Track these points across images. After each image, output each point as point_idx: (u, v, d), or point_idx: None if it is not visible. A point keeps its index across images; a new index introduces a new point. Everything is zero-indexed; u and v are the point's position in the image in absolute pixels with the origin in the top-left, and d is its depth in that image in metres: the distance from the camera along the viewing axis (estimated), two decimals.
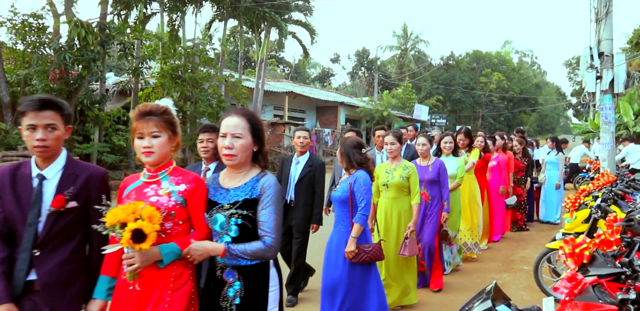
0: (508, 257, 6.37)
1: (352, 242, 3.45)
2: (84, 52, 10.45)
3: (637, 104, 23.61)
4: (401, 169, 4.29)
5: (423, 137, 4.91)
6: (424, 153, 4.89)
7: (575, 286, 1.78)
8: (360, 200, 3.46)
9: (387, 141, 4.32)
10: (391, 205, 4.33)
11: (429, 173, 4.80)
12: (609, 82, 8.53)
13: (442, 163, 4.87)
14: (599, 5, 8.69)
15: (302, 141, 4.47)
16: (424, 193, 4.79)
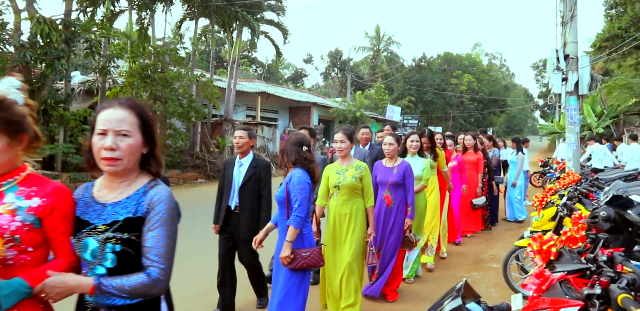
0: (478, 256, 6.46)
1: (287, 247, 3.16)
2: (47, 50, 10.08)
3: (600, 106, 24.51)
4: (353, 169, 3.95)
5: (390, 136, 4.63)
6: (391, 153, 4.57)
7: (543, 283, 1.79)
8: (294, 200, 3.16)
9: (337, 139, 4.00)
10: (342, 208, 3.97)
11: (393, 175, 4.50)
12: (574, 84, 8.78)
13: (409, 164, 4.56)
14: (564, 9, 8.95)
15: (237, 142, 4.06)
16: (387, 196, 4.53)
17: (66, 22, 10.88)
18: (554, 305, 1.70)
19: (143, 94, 13.71)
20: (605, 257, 2.07)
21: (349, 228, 3.94)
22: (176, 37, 20.60)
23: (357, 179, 3.91)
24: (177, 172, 15.20)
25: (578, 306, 1.63)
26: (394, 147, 4.57)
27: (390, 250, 4.50)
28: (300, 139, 3.38)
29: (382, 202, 4.55)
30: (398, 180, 4.47)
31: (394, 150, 4.57)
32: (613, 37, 15.52)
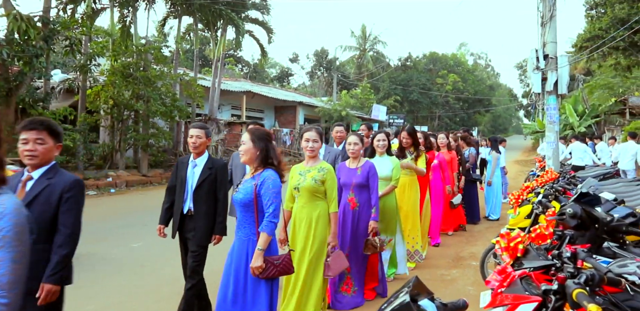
0: (458, 253, 6.50)
1: (259, 256, 2.87)
2: (25, 47, 9.90)
3: (582, 105, 24.93)
4: (316, 170, 3.69)
5: (354, 135, 4.41)
6: (355, 154, 4.34)
7: (505, 279, 1.81)
8: (267, 205, 2.90)
9: (309, 137, 3.77)
10: (301, 212, 3.72)
11: (357, 177, 4.29)
12: (553, 83, 8.90)
13: (373, 165, 4.37)
14: (544, 9, 9.06)
15: (194, 141, 3.73)
16: (352, 199, 4.33)
17: (44, 19, 10.69)
18: (514, 301, 1.71)
19: (125, 93, 13.55)
20: (569, 253, 2.10)
21: (307, 235, 3.66)
22: (160, 35, 20.41)
23: (318, 181, 3.65)
24: (160, 171, 15.06)
25: (536, 302, 1.64)
26: (359, 147, 4.35)
27: (360, 255, 4.30)
28: (267, 133, 3.09)
29: (346, 205, 4.36)
30: (362, 181, 4.27)
31: (358, 150, 4.36)
32: (593, 37, 15.75)
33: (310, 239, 3.66)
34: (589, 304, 1.37)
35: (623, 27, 13.69)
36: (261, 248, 2.89)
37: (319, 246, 3.66)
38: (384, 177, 4.76)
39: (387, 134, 5.06)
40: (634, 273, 2.47)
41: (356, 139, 4.36)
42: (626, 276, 2.45)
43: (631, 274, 2.47)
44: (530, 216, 4.56)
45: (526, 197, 4.89)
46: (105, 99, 13.22)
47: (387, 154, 4.96)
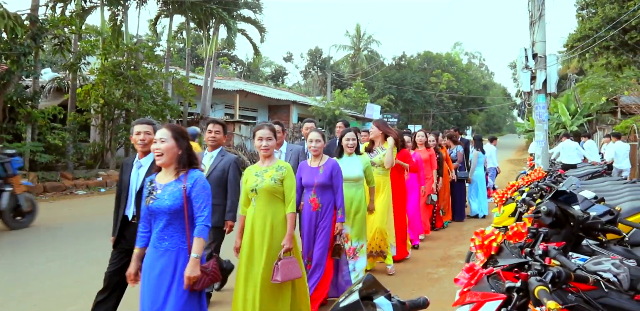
0: (445, 252, 6.50)
1: (196, 264, 2.64)
2: (12, 45, 9.81)
3: (574, 104, 25.05)
4: (273, 170, 3.48)
5: (316, 132, 4.12)
6: (317, 152, 4.06)
7: (472, 277, 1.80)
8: (202, 207, 2.69)
9: (262, 135, 3.51)
10: (260, 215, 3.46)
11: (319, 176, 4.03)
12: (542, 82, 8.93)
13: (336, 163, 4.11)
14: (532, 8, 9.08)
15: (142, 138, 3.33)
16: (314, 199, 4.06)
17: (32, 17, 10.60)
18: (481, 298, 1.71)
19: (116, 92, 13.48)
20: (540, 251, 2.10)
21: (271, 239, 3.41)
22: (153, 34, 20.32)
23: (278, 181, 3.43)
24: None
25: (501, 299, 1.64)
26: (321, 145, 4.09)
27: (317, 259, 4.02)
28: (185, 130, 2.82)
29: (308, 206, 4.11)
30: (325, 181, 4.01)
31: (320, 147, 4.08)
32: (584, 37, 15.82)
33: (270, 244, 3.39)
34: (549, 301, 1.37)
35: (611, 25, 13.77)
36: (198, 254, 2.65)
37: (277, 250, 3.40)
38: (354, 178, 4.55)
39: (357, 132, 4.78)
40: (608, 270, 2.47)
41: (318, 136, 4.08)
42: (601, 273, 2.46)
43: (606, 271, 2.48)
44: (515, 214, 4.58)
45: (511, 195, 4.90)
46: (96, 98, 13.14)
47: (356, 153, 4.69)
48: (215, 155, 4.20)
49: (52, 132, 12.10)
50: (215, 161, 4.15)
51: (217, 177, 4.06)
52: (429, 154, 7.16)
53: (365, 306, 1.20)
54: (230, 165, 4.12)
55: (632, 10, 13.65)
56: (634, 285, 2.39)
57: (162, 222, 2.70)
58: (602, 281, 2.32)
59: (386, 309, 1.24)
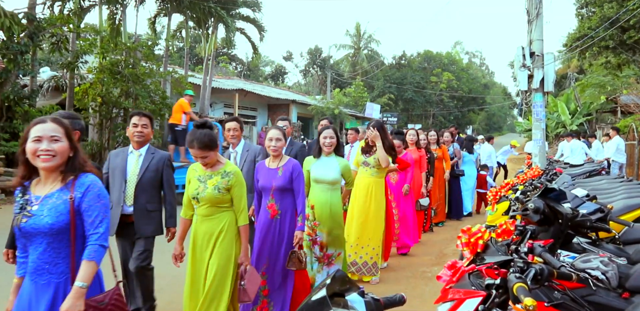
0: (441, 250, 6.50)
1: (79, 296, 1.98)
2: (9, 44, 9.81)
3: (574, 103, 25.02)
4: (219, 176, 3.04)
5: (276, 129, 3.71)
6: (276, 151, 3.64)
7: (454, 274, 1.79)
8: (96, 223, 2.07)
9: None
10: (202, 227, 3.09)
11: (278, 179, 3.60)
12: (539, 80, 8.91)
13: (297, 164, 3.71)
14: (530, 7, 9.07)
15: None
16: (272, 205, 3.62)
17: (30, 15, 10.59)
18: (462, 295, 1.69)
19: (114, 91, 13.46)
20: (526, 248, 2.08)
21: (208, 253, 3.05)
22: (152, 33, 20.31)
23: (222, 190, 3.02)
24: None
25: (481, 296, 1.62)
26: (281, 144, 3.67)
27: (280, 273, 3.61)
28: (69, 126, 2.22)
29: (265, 213, 3.66)
30: (284, 184, 3.59)
31: (280, 147, 3.67)
32: (583, 36, 15.79)
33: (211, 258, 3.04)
34: (526, 297, 1.35)
35: (608, 22, 13.74)
36: (85, 283, 2.00)
37: (223, 266, 3.03)
38: (330, 181, 4.15)
39: (335, 130, 4.34)
40: (597, 268, 2.46)
41: (278, 133, 3.66)
42: (590, 271, 2.45)
43: (594, 269, 2.46)
44: (508, 212, 4.56)
45: (505, 194, 4.88)
46: (94, 96, 13.11)
47: (335, 153, 4.28)
48: (145, 153, 3.70)
49: None
50: (146, 160, 3.65)
51: (151, 178, 3.65)
52: (419, 154, 6.77)
53: (337, 302, 1.19)
54: (164, 163, 3.70)
55: (627, 8, 13.62)
56: (622, 283, 2.38)
57: (40, 246, 2.06)
58: (590, 279, 2.31)
59: (358, 306, 1.22)
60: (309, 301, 1.16)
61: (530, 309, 1.33)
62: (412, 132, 6.87)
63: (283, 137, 3.71)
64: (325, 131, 4.27)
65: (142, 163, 3.66)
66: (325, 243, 4.20)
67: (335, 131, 4.29)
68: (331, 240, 4.20)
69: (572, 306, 2.07)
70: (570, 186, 4.47)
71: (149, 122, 3.70)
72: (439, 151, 7.86)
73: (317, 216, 4.15)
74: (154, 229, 3.66)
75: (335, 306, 1.14)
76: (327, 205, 4.16)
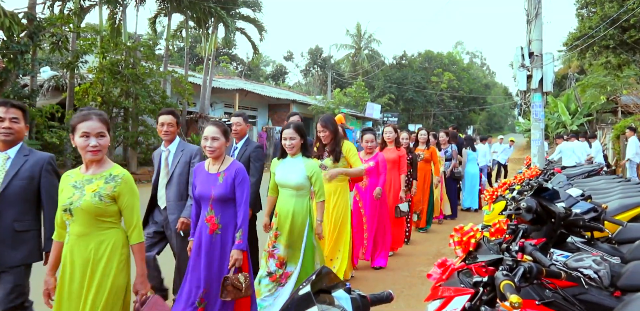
0: (439, 250, 6.50)
1: None
2: (9, 43, 9.85)
3: (574, 104, 25.00)
4: (101, 180, 2.36)
5: (214, 126, 3.06)
6: (214, 153, 3.04)
7: (444, 272, 1.80)
8: None
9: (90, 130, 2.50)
10: (73, 250, 2.37)
11: (218, 186, 3.01)
12: (538, 80, 8.93)
13: (241, 168, 3.09)
14: (529, 7, 9.09)
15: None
16: (211, 218, 3.02)
17: (30, 15, 10.63)
18: (451, 293, 1.71)
19: (114, 90, 13.50)
20: (517, 247, 2.10)
21: (88, 287, 2.32)
22: (153, 33, 20.35)
23: (106, 198, 2.33)
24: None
25: (469, 294, 1.64)
26: (219, 144, 3.04)
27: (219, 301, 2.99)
28: None
29: (203, 228, 3.04)
30: (225, 193, 2.99)
31: (219, 147, 3.04)
32: (584, 35, 15.78)
33: (89, 293, 2.31)
34: (512, 295, 1.37)
35: (607, 21, 13.74)
36: None
37: (107, 302, 2.33)
38: (293, 185, 3.61)
39: (300, 128, 3.69)
40: (589, 267, 2.47)
41: (214, 131, 3.03)
42: (582, 270, 2.46)
43: (587, 268, 2.48)
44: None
45: (501, 193, 4.90)
46: (94, 96, 13.16)
47: (302, 154, 3.69)
48: (14, 155, 2.82)
49: (49, 130, 12.15)
50: (15, 164, 2.80)
51: (21, 188, 2.77)
52: (398, 154, 5.97)
53: (322, 299, 1.20)
54: (42, 168, 2.85)
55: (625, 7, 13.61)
56: (614, 282, 2.40)
57: None
58: (582, 277, 2.33)
59: (344, 302, 1.23)
60: (293, 298, 1.17)
61: (515, 306, 1.34)
62: (389, 130, 6.15)
63: (223, 135, 3.05)
64: (285, 130, 3.66)
65: (8, 168, 2.78)
66: (283, 257, 3.60)
67: (298, 130, 3.64)
68: (291, 256, 3.60)
69: (563, 305, 2.08)
70: (565, 186, 4.48)
71: (21, 116, 2.83)
72: (427, 152, 7.33)
73: (278, 226, 3.64)
74: (24, 256, 2.78)
75: (320, 302, 1.15)
76: (289, 214, 3.59)
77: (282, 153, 3.75)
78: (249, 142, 4.39)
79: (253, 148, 4.27)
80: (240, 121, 4.29)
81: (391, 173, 5.76)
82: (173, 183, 3.64)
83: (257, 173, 4.19)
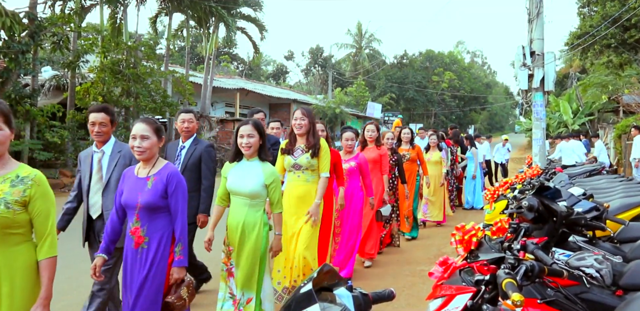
0: (440, 249, 6.50)
1: None
2: (11, 43, 9.86)
3: (576, 103, 24.97)
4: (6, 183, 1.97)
5: (143, 123, 2.64)
6: (142, 154, 2.61)
7: (445, 271, 1.80)
8: None
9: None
10: None
11: (146, 192, 2.59)
12: (539, 80, 8.92)
13: (175, 172, 2.66)
14: (530, 6, 9.08)
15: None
16: (136, 230, 2.60)
17: (31, 15, 10.65)
18: (453, 291, 1.70)
19: (115, 90, 13.53)
20: (519, 246, 2.10)
21: None
22: (153, 32, 20.37)
23: (14, 206, 1.94)
24: None
25: (471, 292, 1.63)
26: (149, 144, 2.60)
27: None
28: None
29: (128, 242, 2.65)
30: (153, 200, 2.57)
31: (148, 148, 2.60)
32: (585, 34, 15.77)
33: None
34: (514, 293, 1.37)
35: (609, 21, 13.72)
36: None
37: None
38: (247, 193, 3.09)
39: (259, 125, 3.16)
40: (591, 266, 2.47)
41: (146, 129, 2.61)
42: (584, 269, 2.46)
43: (588, 267, 2.47)
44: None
45: (503, 192, 4.89)
46: (95, 95, 13.18)
47: (259, 157, 3.18)
48: None
49: (51, 130, 12.18)
50: None
51: None
52: (379, 153, 5.54)
53: (324, 297, 1.20)
54: None
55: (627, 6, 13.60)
56: (616, 281, 2.39)
57: None
58: (584, 276, 2.32)
59: (346, 300, 1.23)
60: (295, 295, 1.17)
61: (517, 304, 1.34)
62: (370, 128, 5.69)
63: (155, 134, 2.63)
64: (242, 127, 3.14)
65: None
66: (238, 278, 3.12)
67: (257, 128, 3.12)
68: (241, 278, 3.10)
69: (565, 304, 2.07)
70: (567, 185, 4.48)
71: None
72: (413, 151, 6.83)
73: (230, 240, 3.15)
74: None
75: (322, 300, 1.14)
76: (239, 226, 3.08)
77: (237, 155, 3.20)
78: (198, 141, 4.10)
79: (204, 148, 3.99)
80: (191, 117, 4.06)
81: (372, 173, 5.31)
82: (110, 190, 3.13)
83: (210, 176, 3.95)
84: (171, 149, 4.19)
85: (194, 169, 3.96)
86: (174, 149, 4.15)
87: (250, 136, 3.09)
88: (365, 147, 5.65)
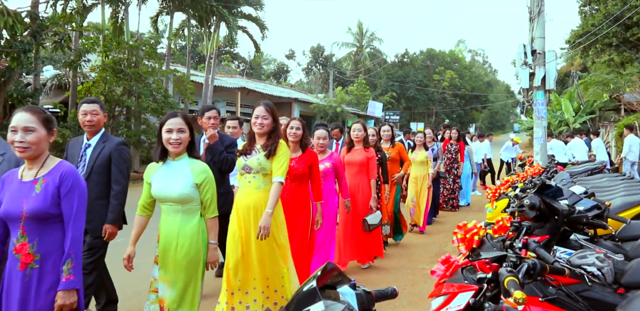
0: (441, 248, 6.51)
1: None
2: (12, 42, 9.88)
3: (577, 101, 24.94)
4: None
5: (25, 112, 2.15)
6: (24, 152, 2.10)
7: (447, 269, 1.81)
8: None
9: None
10: None
11: (33, 198, 2.11)
12: (541, 78, 8.91)
13: (70, 172, 2.17)
14: (531, 4, 9.06)
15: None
16: (22, 246, 2.09)
17: (32, 14, 10.67)
18: (455, 289, 1.71)
19: (116, 89, 13.55)
20: (521, 244, 2.10)
21: None
22: (155, 31, 20.39)
23: None
24: None
25: (473, 290, 1.64)
26: (38, 137, 2.11)
27: None
28: None
29: (12, 262, 2.11)
30: (43, 207, 2.09)
31: (36, 142, 2.11)
32: (586, 33, 15.76)
33: None
34: (516, 291, 1.38)
35: (610, 19, 13.71)
36: None
37: None
38: (176, 198, 2.66)
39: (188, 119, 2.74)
40: (592, 264, 2.48)
41: (31, 120, 2.10)
42: (585, 267, 2.47)
43: (590, 265, 2.48)
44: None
45: (504, 191, 4.90)
46: (96, 95, 13.21)
47: (187, 155, 2.76)
48: None
49: None
50: None
51: None
52: (366, 156, 5.08)
53: (327, 294, 1.21)
54: None
55: (628, 4, 13.58)
56: (618, 279, 2.40)
57: None
58: (585, 274, 2.33)
59: (349, 298, 1.24)
60: (299, 293, 1.18)
61: (520, 302, 1.35)
62: (357, 127, 5.20)
63: (43, 125, 2.12)
64: (169, 120, 2.69)
65: None
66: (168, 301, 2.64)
67: (187, 122, 2.71)
68: (176, 294, 2.64)
69: (566, 302, 2.09)
70: (568, 184, 4.48)
71: None
72: (393, 150, 6.31)
73: (160, 256, 2.71)
74: None
75: (325, 298, 1.16)
76: (173, 239, 2.66)
77: (163, 153, 2.73)
78: (107, 137, 3.41)
79: (114, 146, 3.31)
80: (95, 109, 3.29)
81: (358, 177, 5.01)
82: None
83: (122, 179, 3.30)
84: (73, 147, 3.45)
85: (102, 171, 3.27)
86: (76, 148, 3.40)
87: (180, 131, 2.66)
88: (352, 149, 5.17)
